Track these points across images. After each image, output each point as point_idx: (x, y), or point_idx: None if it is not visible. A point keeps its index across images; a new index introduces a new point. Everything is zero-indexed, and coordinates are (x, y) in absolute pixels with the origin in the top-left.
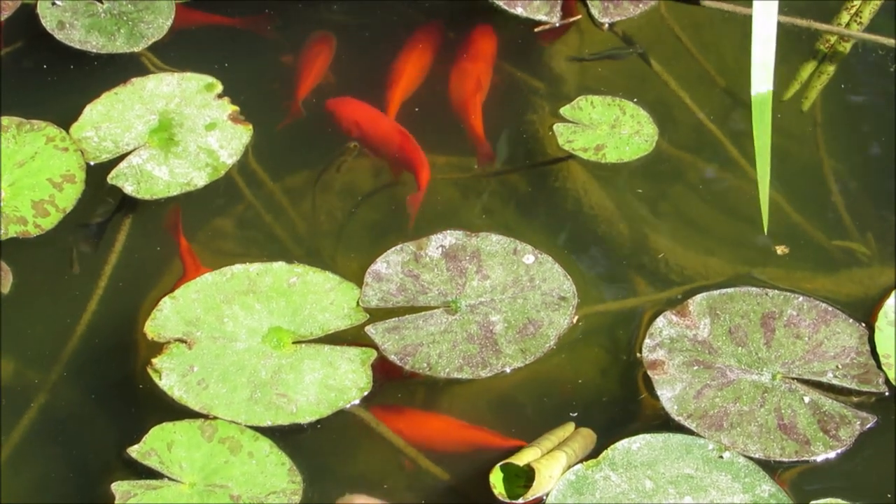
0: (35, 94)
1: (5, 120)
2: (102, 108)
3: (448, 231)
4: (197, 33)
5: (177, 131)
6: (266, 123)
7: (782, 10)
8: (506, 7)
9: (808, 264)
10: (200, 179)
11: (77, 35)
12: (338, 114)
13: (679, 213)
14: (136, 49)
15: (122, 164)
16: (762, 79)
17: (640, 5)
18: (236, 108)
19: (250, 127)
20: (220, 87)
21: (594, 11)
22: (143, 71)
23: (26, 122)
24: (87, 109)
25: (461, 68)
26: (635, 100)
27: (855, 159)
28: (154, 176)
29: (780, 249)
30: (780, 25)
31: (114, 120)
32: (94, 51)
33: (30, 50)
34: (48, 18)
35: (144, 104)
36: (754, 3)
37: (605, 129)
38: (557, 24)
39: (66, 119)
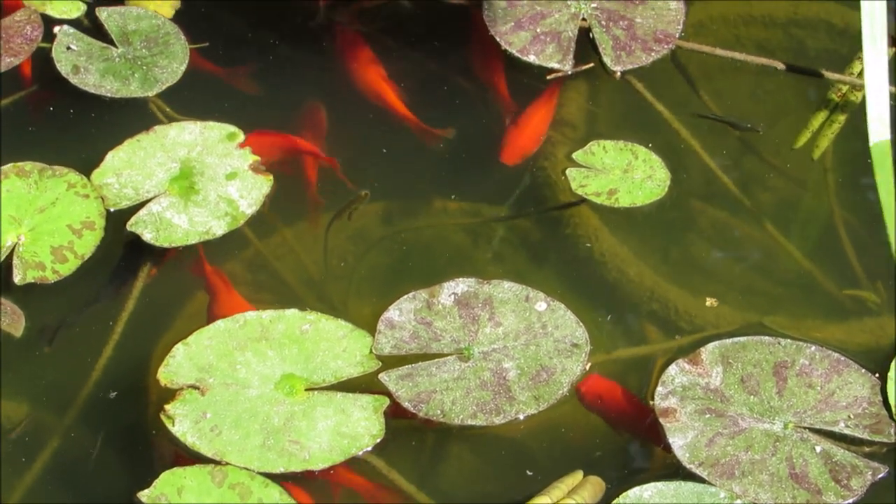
0: (53, 139)
1: (28, 165)
2: (124, 154)
3: (460, 278)
4: (211, 78)
5: (197, 180)
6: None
7: (794, 60)
8: (518, 55)
9: (819, 313)
10: (219, 228)
11: (91, 79)
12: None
13: (690, 260)
14: (150, 94)
15: (142, 212)
16: (879, 130)
17: (653, 53)
18: (257, 157)
19: (270, 177)
20: (241, 137)
21: (606, 59)
22: (153, 116)
23: (48, 167)
24: (109, 156)
25: (482, 42)
26: (650, 145)
27: (865, 208)
28: (173, 224)
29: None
30: (790, 74)
31: (135, 167)
32: (109, 95)
33: (47, 94)
34: (63, 62)
35: (166, 152)
36: (865, 55)
37: (618, 174)
38: (570, 72)
39: (84, 163)
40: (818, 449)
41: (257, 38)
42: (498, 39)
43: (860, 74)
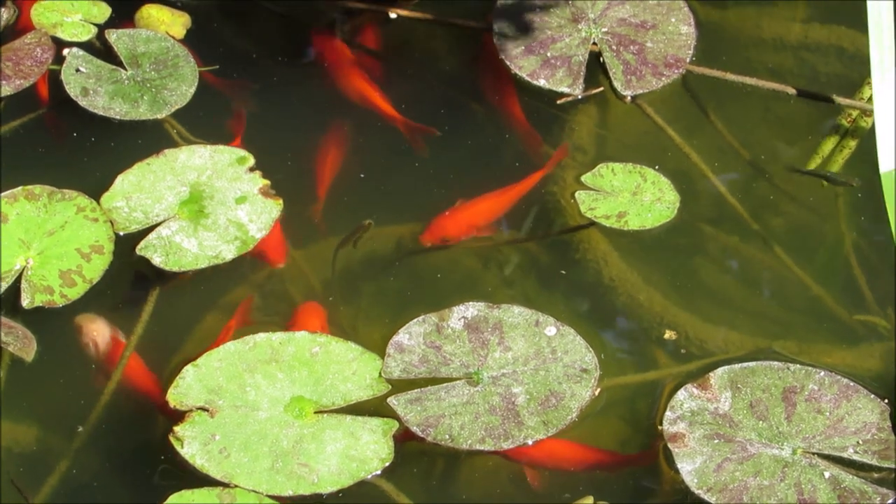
0: (63, 161)
1: (37, 188)
2: (134, 178)
3: (470, 302)
4: (219, 100)
5: (207, 204)
6: (284, 190)
7: (805, 84)
8: (528, 79)
9: (829, 338)
10: (229, 252)
11: (101, 102)
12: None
13: (699, 285)
14: (158, 116)
15: (151, 236)
16: (888, 160)
17: (664, 78)
18: (267, 182)
19: (280, 201)
20: (251, 161)
21: (617, 84)
22: (165, 136)
23: (58, 191)
24: (119, 179)
25: (493, 65)
26: (657, 167)
27: (876, 233)
28: (183, 248)
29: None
30: (802, 99)
31: (145, 190)
32: (118, 118)
33: (57, 116)
34: (72, 85)
35: (176, 175)
36: (874, 85)
37: (627, 196)
38: (580, 97)
39: (94, 186)
40: (827, 475)
41: (267, 58)
42: (508, 63)
43: (870, 99)
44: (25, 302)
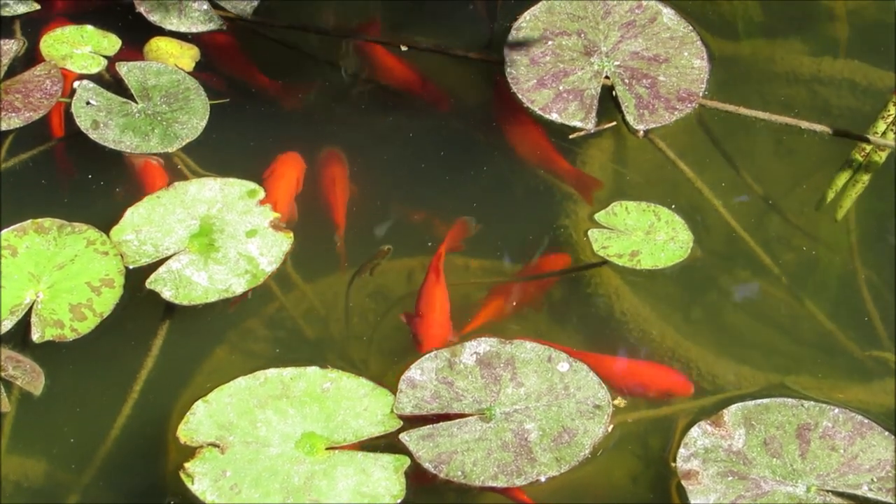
0: (73, 194)
1: (47, 221)
2: (144, 211)
3: (482, 338)
4: (230, 133)
5: (217, 237)
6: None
7: (817, 117)
8: (541, 113)
9: (842, 374)
10: (239, 286)
11: (111, 135)
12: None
13: (711, 319)
14: (169, 149)
15: (161, 269)
16: None
17: (676, 112)
18: (278, 214)
19: (291, 234)
20: (262, 194)
21: (629, 118)
22: (175, 169)
23: (68, 224)
24: (129, 212)
25: (522, 124)
26: (673, 206)
27: (889, 269)
28: (193, 281)
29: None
30: (815, 133)
31: (155, 223)
32: (129, 150)
33: (67, 149)
34: (82, 118)
35: (186, 208)
36: None
37: (640, 236)
38: (592, 130)
39: (104, 219)
40: None
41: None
42: (520, 97)
43: (884, 134)
44: (36, 336)
